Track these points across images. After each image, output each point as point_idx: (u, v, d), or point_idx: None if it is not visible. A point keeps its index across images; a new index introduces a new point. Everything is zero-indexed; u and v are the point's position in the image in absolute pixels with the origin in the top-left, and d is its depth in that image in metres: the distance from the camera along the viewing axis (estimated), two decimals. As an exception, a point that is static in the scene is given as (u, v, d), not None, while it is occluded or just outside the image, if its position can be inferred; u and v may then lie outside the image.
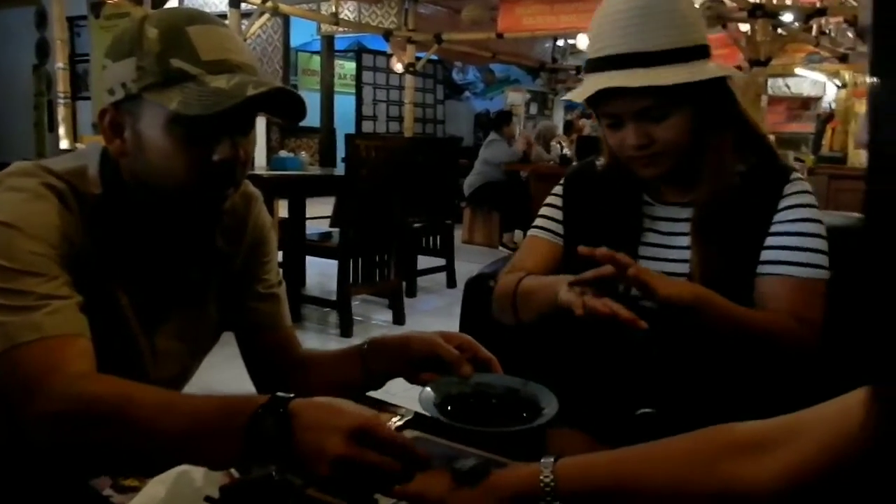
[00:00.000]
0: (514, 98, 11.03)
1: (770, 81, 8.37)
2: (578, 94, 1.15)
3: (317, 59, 10.07)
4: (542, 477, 0.73)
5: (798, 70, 9.68)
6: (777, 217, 1.15)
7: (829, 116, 11.01)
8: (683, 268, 1.17)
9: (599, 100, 1.14)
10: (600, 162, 1.30)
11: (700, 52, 1.13)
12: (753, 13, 6.74)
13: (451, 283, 5.09)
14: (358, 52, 10.54)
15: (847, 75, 10.12)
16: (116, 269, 0.97)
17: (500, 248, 6.85)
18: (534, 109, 11.04)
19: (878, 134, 0.38)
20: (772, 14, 6.94)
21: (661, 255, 1.20)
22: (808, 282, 1.12)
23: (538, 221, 1.34)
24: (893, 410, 0.33)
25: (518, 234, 6.89)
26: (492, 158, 6.77)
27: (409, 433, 1.04)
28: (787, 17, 7.13)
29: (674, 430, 0.77)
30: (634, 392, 1.19)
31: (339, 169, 7.92)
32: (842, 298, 1.12)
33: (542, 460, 0.76)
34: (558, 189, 1.34)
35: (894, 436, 0.32)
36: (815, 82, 10.38)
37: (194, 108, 0.86)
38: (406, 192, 4.16)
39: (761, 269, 1.15)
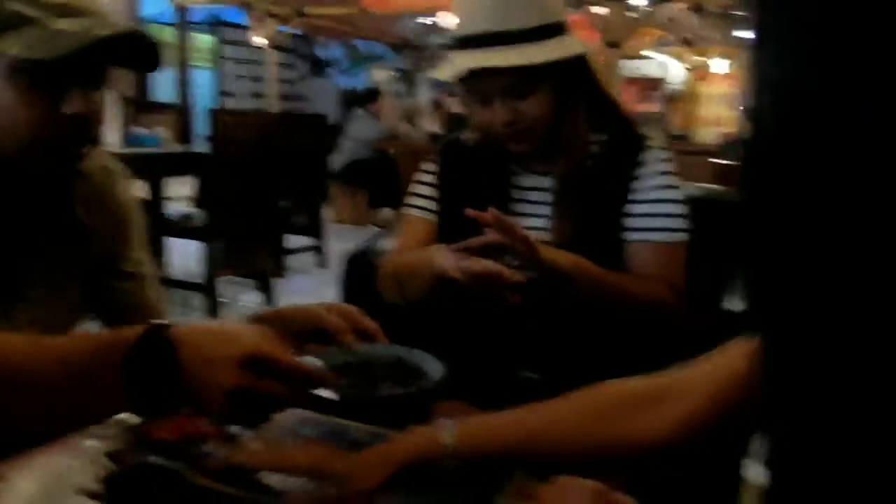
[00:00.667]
0: (380, 76, 10.96)
1: (624, 63, 8.80)
2: (447, 73, 1.16)
3: (169, 31, 9.54)
4: (440, 438, 0.74)
5: (646, 52, 10.22)
6: (636, 185, 1.21)
7: (674, 97, 11.78)
8: (549, 236, 1.22)
9: (467, 78, 1.16)
10: (467, 136, 1.32)
11: (560, 29, 1.17)
12: (609, -4, 7.07)
13: (322, 263, 5.02)
14: (214, 25, 10.08)
15: (692, 58, 10.81)
16: None
17: (371, 225, 6.82)
18: (400, 88, 11.01)
19: (756, 101, 0.41)
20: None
21: (529, 224, 1.24)
22: (671, 245, 1.20)
23: (412, 200, 1.35)
24: (773, 357, 0.36)
25: (388, 211, 6.88)
26: (360, 135, 6.70)
27: (294, 412, 1.02)
28: (639, 2, 7.53)
29: (556, 392, 0.80)
30: (515, 357, 1.23)
31: (199, 147, 7.61)
32: (695, 261, 1.21)
33: (439, 421, 0.77)
34: (430, 166, 1.35)
35: (776, 379, 0.35)
36: (661, 64, 11.02)
37: (38, 51, 0.79)
38: (274, 169, 4.05)
39: (627, 236, 1.21)
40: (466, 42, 1.15)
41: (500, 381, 1.23)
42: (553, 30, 1.16)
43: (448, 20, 7.97)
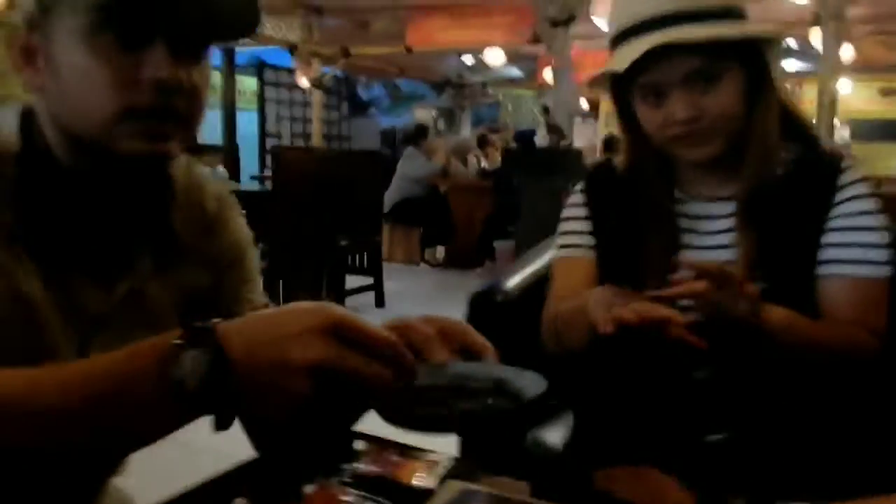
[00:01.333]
0: (422, 115, 10.96)
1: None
2: (621, 60, 1.00)
3: (214, 74, 9.65)
4: None
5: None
6: (834, 212, 1.04)
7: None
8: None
9: (636, 71, 1.00)
10: (618, 161, 1.17)
11: (742, 14, 1.04)
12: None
13: (380, 302, 4.87)
14: (259, 67, 10.18)
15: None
16: (35, 247, 0.74)
17: (423, 264, 6.69)
18: (441, 125, 11.00)
19: None
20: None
21: (704, 257, 1.07)
22: (872, 281, 1.03)
23: (563, 240, 1.19)
24: None
25: (440, 249, 6.75)
26: (411, 173, 6.61)
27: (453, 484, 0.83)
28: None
29: (748, 456, 0.63)
30: (697, 418, 1.06)
31: (247, 187, 7.59)
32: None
33: None
34: (577, 198, 1.20)
35: None
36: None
37: None
38: (333, 207, 3.94)
39: (822, 269, 1.04)
40: (640, 28, 1.01)
41: (681, 445, 1.05)
42: (736, 13, 1.03)
43: (493, 56, 7.93)
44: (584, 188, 1.20)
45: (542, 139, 5.86)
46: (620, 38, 1.04)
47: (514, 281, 1.39)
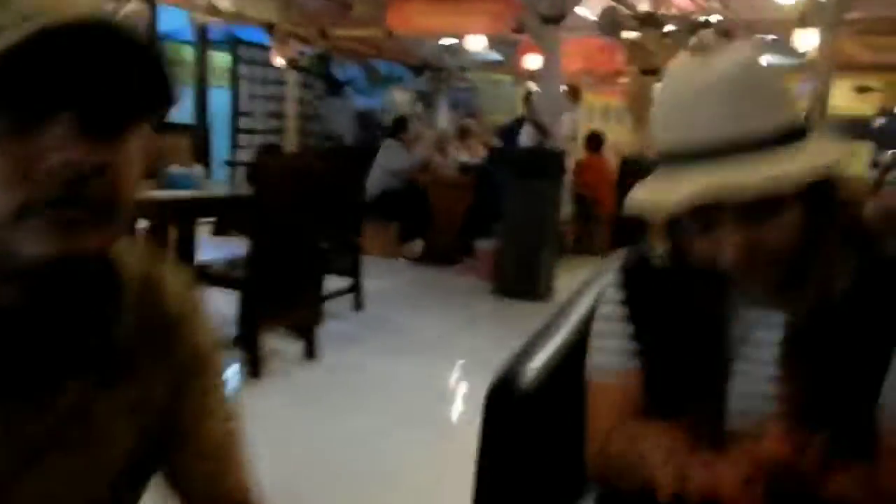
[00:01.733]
0: (399, 97, 10.75)
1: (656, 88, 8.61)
2: (676, 199, 0.89)
3: (186, 48, 9.32)
4: None
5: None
6: None
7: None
8: (775, 390, 0.97)
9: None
10: (656, 254, 1.05)
11: (804, 131, 0.92)
12: (645, 23, 6.86)
13: (359, 305, 4.77)
14: (233, 43, 9.85)
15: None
16: None
17: (400, 259, 6.58)
18: (419, 109, 10.80)
19: None
20: (659, 24, 7.09)
21: (758, 372, 0.98)
22: None
23: (602, 359, 1.09)
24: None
25: (418, 243, 6.64)
26: (389, 166, 6.47)
27: None
28: (673, 27, 7.32)
29: None
30: None
31: (218, 174, 7.37)
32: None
33: None
34: (614, 295, 1.09)
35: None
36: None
37: None
38: (315, 211, 3.81)
39: (884, 397, 0.94)
40: (687, 156, 0.90)
41: None
42: (799, 132, 0.91)
43: (474, 43, 7.75)
44: (622, 286, 1.10)
45: (525, 136, 5.77)
46: (665, 160, 0.93)
47: (532, 368, 1.31)
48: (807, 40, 8.59)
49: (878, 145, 12.24)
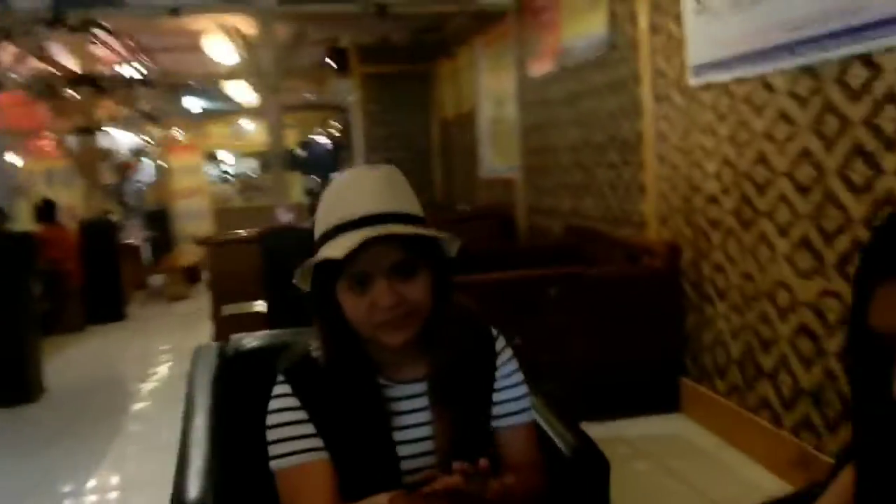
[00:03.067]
0: None
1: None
2: (340, 249, 1.11)
3: None
4: None
5: (105, 127, 9.81)
6: (499, 373, 1.30)
7: (126, 165, 11.54)
8: (431, 444, 1.22)
9: (354, 259, 1.13)
10: (316, 352, 1.23)
11: (424, 220, 1.24)
12: (79, 82, 6.53)
13: None
14: None
15: (153, 131, 10.70)
16: None
17: None
18: None
19: None
20: (93, 82, 6.83)
21: (411, 435, 1.22)
22: (532, 424, 1.34)
23: (285, 447, 1.18)
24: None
25: None
26: None
27: None
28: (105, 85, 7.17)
29: None
30: None
31: None
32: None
33: None
34: (287, 401, 1.21)
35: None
36: (112, 137, 10.66)
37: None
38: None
39: (498, 423, 1.27)
40: (353, 224, 1.15)
41: None
42: (423, 220, 1.22)
43: None
44: (290, 386, 1.21)
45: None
46: (333, 232, 1.16)
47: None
48: (237, 90, 9.35)
49: (304, 173, 13.96)
